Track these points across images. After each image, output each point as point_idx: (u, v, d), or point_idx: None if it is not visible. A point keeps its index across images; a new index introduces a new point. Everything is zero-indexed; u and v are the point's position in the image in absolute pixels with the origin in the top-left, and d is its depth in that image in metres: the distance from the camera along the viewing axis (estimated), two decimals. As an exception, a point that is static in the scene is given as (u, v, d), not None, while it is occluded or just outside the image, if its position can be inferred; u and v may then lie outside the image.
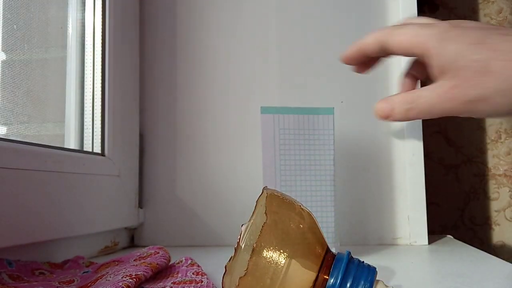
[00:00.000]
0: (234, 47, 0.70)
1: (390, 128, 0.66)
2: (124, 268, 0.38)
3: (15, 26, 0.50)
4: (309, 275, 0.28)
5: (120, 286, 0.32)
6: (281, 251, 0.28)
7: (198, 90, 0.70)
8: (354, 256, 0.30)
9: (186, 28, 0.72)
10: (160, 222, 0.69)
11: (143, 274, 0.35)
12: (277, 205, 0.30)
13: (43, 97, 0.56)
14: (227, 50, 0.70)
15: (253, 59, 0.70)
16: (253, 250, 0.27)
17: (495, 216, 0.92)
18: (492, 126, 0.94)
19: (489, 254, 0.52)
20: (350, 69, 0.44)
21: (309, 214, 0.31)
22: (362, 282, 0.28)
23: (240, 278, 0.27)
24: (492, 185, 0.93)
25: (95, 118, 0.61)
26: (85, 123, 0.61)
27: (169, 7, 0.72)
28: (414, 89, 0.42)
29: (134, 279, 0.33)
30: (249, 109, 0.69)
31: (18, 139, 0.47)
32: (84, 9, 0.62)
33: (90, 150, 0.61)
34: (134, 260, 0.42)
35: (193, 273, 0.39)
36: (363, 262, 0.30)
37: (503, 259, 0.48)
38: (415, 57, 0.41)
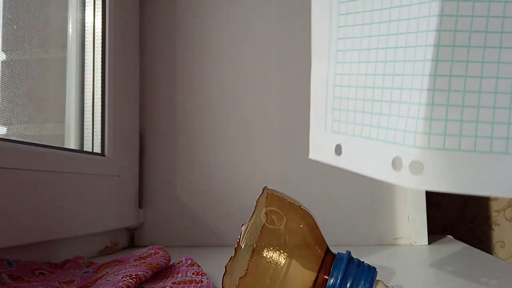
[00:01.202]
0: (234, 47, 0.70)
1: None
2: (124, 268, 0.38)
3: (15, 26, 0.50)
4: (309, 275, 0.28)
5: (120, 286, 0.32)
6: (281, 251, 0.28)
7: (198, 90, 0.70)
8: (354, 256, 0.30)
9: (186, 28, 0.72)
10: (160, 222, 0.69)
11: (143, 274, 0.35)
12: (277, 205, 0.30)
13: (43, 97, 0.56)
14: (227, 50, 0.70)
15: (253, 58, 0.70)
16: (253, 250, 0.27)
17: (495, 216, 0.92)
18: (492, 126, 0.94)
19: (489, 254, 0.52)
20: None
21: (309, 214, 0.31)
22: (362, 282, 0.28)
23: (240, 278, 0.27)
24: (492, 185, 0.93)
25: (95, 118, 0.61)
26: (85, 123, 0.61)
27: (169, 7, 0.72)
28: None
29: (134, 279, 0.33)
30: (249, 109, 0.69)
31: (18, 139, 0.47)
32: (84, 9, 0.62)
33: (90, 150, 0.61)
34: (134, 260, 0.42)
35: (193, 273, 0.39)
36: (363, 262, 0.30)
37: (503, 259, 0.48)
38: None
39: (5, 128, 0.49)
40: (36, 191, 0.45)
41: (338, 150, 0.29)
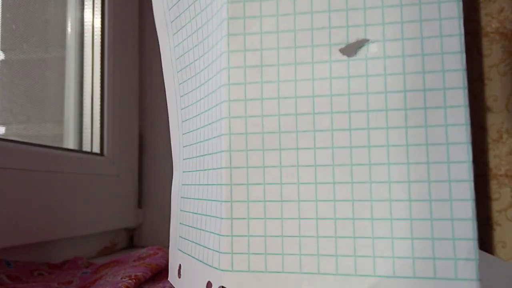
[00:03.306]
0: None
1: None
2: (124, 268, 0.37)
3: (14, 25, 0.50)
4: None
5: (119, 287, 0.31)
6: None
7: (198, 90, 0.70)
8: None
9: (186, 27, 0.71)
10: (160, 223, 0.69)
11: (143, 275, 0.35)
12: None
13: (42, 97, 0.56)
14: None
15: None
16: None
17: (496, 216, 0.92)
18: (494, 126, 0.94)
19: (489, 254, 0.52)
20: None
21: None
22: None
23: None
24: (493, 185, 0.93)
25: (94, 118, 0.60)
26: (84, 123, 0.60)
27: (168, 6, 0.72)
28: None
29: (134, 280, 0.33)
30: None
31: (17, 139, 0.47)
32: (83, 8, 0.62)
33: (89, 150, 0.60)
34: (133, 261, 0.42)
35: (192, 274, 0.38)
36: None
37: (504, 259, 0.48)
38: None
39: (4, 128, 0.49)
40: (34, 191, 0.44)
41: (179, 271, 0.25)
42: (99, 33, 0.62)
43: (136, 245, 0.69)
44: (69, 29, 0.61)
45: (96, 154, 0.60)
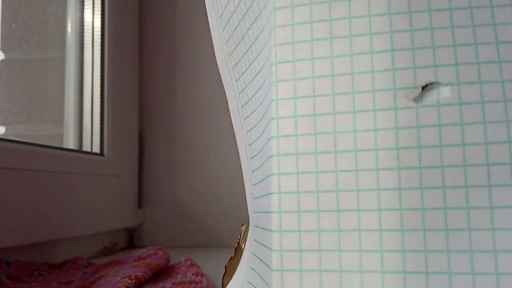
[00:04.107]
0: (234, 47, 0.70)
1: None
2: (124, 269, 0.37)
3: (14, 25, 0.50)
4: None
5: (119, 287, 0.31)
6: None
7: (198, 90, 0.70)
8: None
9: (186, 28, 0.71)
10: (160, 223, 0.69)
11: (143, 275, 0.35)
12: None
13: (42, 97, 0.56)
14: (227, 50, 0.70)
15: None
16: (253, 251, 0.27)
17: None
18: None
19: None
20: None
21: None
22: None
23: (240, 278, 0.27)
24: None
25: (94, 118, 0.60)
26: (84, 123, 0.60)
27: (169, 6, 0.72)
28: None
29: (134, 280, 0.33)
30: (249, 109, 0.69)
31: (17, 139, 0.47)
32: (83, 8, 0.62)
33: (89, 150, 0.60)
34: (133, 261, 0.42)
35: (192, 274, 0.39)
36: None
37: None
38: None
39: (4, 128, 0.49)
40: (34, 191, 0.44)
41: None
42: (99, 33, 0.62)
43: (136, 245, 0.69)
44: (69, 29, 0.61)
45: (96, 154, 0.60)
